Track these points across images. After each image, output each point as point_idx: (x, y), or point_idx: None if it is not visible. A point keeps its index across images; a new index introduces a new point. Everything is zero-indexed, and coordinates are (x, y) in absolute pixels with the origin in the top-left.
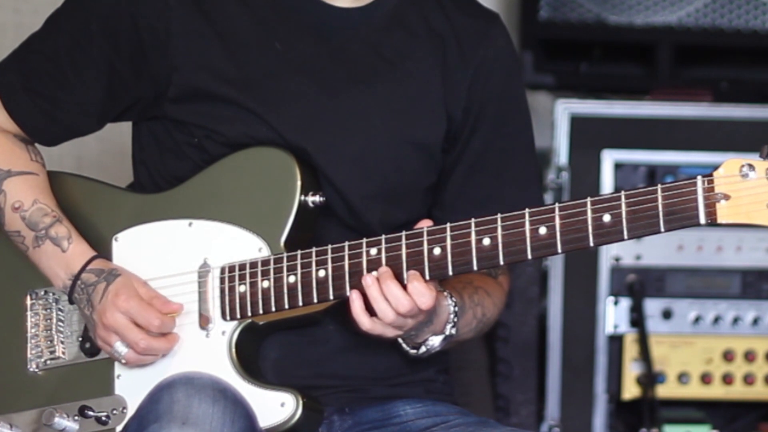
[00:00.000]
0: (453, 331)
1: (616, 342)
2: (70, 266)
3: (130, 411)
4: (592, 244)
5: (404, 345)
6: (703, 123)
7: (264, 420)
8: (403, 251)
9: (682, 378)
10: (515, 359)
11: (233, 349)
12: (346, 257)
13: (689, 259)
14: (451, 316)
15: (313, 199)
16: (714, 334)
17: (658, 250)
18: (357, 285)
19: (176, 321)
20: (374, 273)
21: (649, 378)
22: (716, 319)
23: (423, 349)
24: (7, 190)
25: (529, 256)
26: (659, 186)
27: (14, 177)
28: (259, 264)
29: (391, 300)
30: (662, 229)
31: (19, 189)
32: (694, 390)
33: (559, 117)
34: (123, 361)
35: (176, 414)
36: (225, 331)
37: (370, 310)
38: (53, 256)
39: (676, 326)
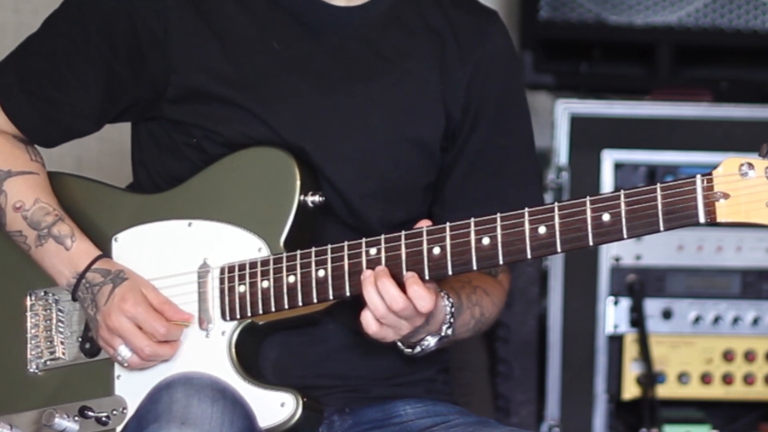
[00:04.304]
0: (449, 331)
1: (616, 342)
2: (75, 264)
3: (130, 411)
4: (591, 243)
5: (399, 344)
6: (703, 123)
7: (264, 420)
8: (403, 251)
9: (682, 378)
10: (515, 359)
11: (233, 349)
12: (346, 257)
13: (689, 259)
14: (448, 316)
15: (312, 198)
16: (714, 334)
17: (658, 250)
18: (357, 285)
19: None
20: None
21: (649, 378)
22: (716, 319)
23: (418, 348)
24: (8, 190)
25: (529, 256)
26: (658, 185)
27: (14, 177)
28: (259, 264)
29: (385, 297)
30: (661, 228)
31: (20, 189)
32: (694, 390)
33: (559, 117)
34: (125, 365)
35: (175, 414)
36: (225, 331)
37: None
38: (56, 255)
39: (676, 326)
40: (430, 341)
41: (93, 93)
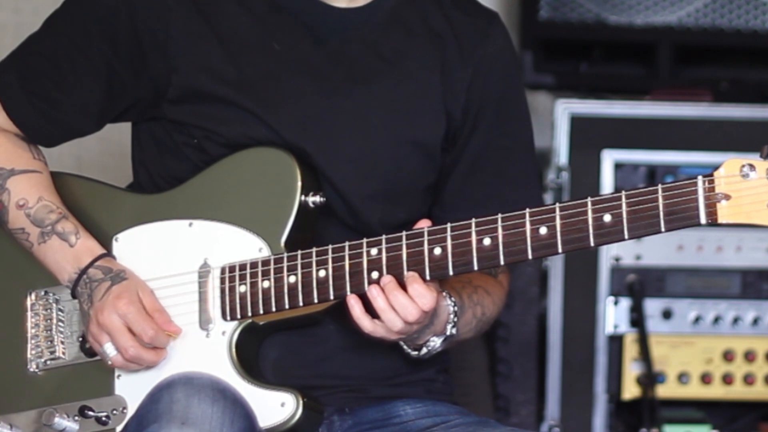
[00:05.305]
0: (453, 331)
1: (616, 342)
2: (78, 260)
3: (130, 411)
4: (592, 244)
5: (405, 347)
6: (703, 123)
7: (264, 420)
8: (404, 251)
9: (682, 378)
10: (515, 359)
11: (233, 349)
12: (347, 257)
13: (689, 259)
14: (451, 316)
15: (313, 199)
16: (714, 334)
17: (658, 250)
18: (358, 285)
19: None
20: (375, 273)
21: (649, 378)
22: (716, 319)
23: (424, 350)
24: (11, 188)
25: (530, 256)
26: (660, 186)
27: (18, 175)
28: (260, 264)
29: (398, 310)
30: (663, 229)
31: (23, 187)
32: (694, 390)
33: (559, 117)
34: (109, 362)
35: (175, 414)
36: (225, 331)
37: (371, 312)
38: (60, 251)
39: (676, 326)
40: (436, 342)
41: (94, 93)
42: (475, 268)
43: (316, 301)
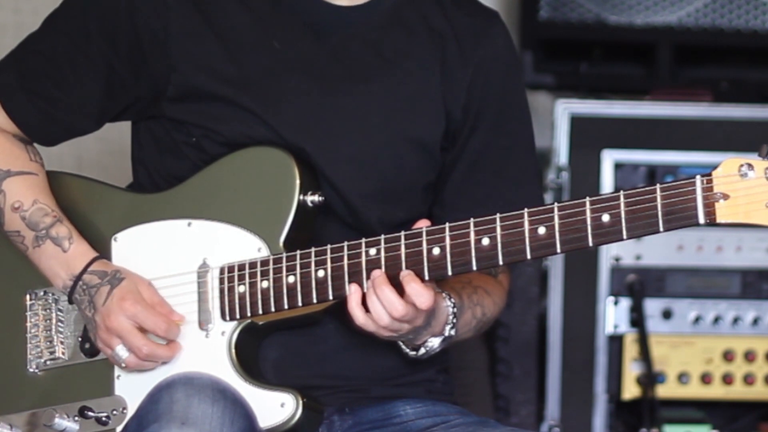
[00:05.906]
0: (452, 332)
1: (616, 342)
2: (71, 266)
3: (130, 411)
4: (591, 244)
5: (404, 347)
6: (703, 123)
7: (264, 420)
8: (402, 251)
9: (682, 378)
10: (515, 359)
11: (233, 350)
12: (345, 257)
13: (689, 259)
14: (450, 317)
15: (312, 198)
16: (714, 334)
17: (658, 250)
18: (356, 285)
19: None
20: (373, 273)
21: (649, 378)
22: (716, 319)
23: (422, 350)
24: (7, 190)
25: (529, 256)
26: (658, 186)
27: (13, 177)
28: (259, 264)
29: (386, 305)
30: (661, 229)
31: (19, 189)
32: (694, 390)
33: (559, 117)
34: (123, 365)
35: (176, 414)
36: (224, 332)
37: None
38: (53, 256)
39: (676, 326)
40: (434, 342)
41: (93, 91)
42: (474, 268)
43: (315, 301)
